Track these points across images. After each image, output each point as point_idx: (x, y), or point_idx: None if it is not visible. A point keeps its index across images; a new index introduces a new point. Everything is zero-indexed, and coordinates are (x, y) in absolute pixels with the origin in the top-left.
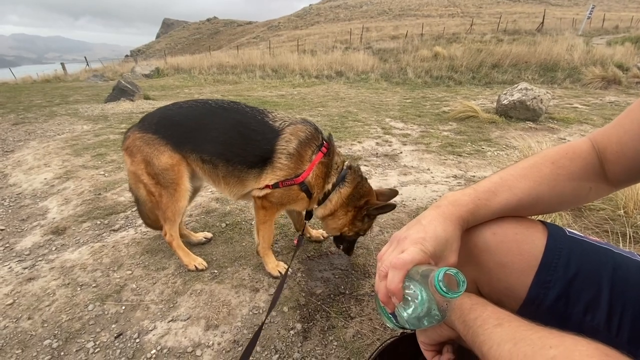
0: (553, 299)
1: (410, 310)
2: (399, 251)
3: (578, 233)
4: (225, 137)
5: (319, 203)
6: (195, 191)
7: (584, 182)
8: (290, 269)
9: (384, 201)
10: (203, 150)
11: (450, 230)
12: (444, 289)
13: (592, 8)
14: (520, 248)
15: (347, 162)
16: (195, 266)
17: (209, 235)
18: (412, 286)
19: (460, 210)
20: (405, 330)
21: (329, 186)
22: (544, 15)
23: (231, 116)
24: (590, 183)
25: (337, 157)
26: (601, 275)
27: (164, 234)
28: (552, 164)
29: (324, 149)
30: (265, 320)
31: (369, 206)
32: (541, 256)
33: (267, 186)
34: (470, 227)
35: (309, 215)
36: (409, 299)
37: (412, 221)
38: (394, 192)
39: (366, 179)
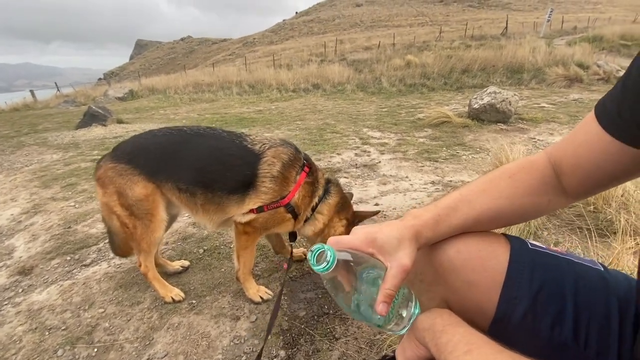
0: (521, 315)
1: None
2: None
3: (539, 244)
4: (203, 164)
5: (306, 222)
6: (172, 219)
7: (542, 195)
8: (277, 294)
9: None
10: (179, 179)
11: (405, 235)
12: (311, 259)
13: (551, 11)
14: (485, 265)
15: (326, 176)
16: (172, 297)
17: (186, 263)
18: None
19: (420, 224)
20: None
21: (316, 199)
22: (507, 21)
23: (208, 142)
24: (549, 196)
25: (319, 173)
26: (564, 287)
27: (139, 265)
28: (510, 178)
29: (306, 168)
30: (262, 349)
31: (355, 217)
32: (505, 272)
33: (251, 211)
34: (436, 243)
35: (294, 236)
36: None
37: None
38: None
39: (340, 188)
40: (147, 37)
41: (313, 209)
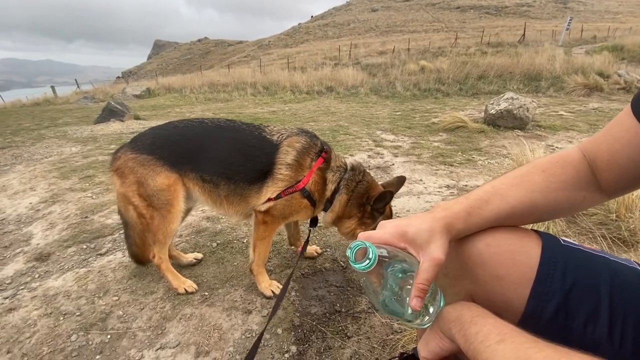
0: (552, 312)
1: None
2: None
3: (572, 241)
4: (225, 156)
5: (325, 209)
6: (186, 212)
7: (577, 190)
8: (292, 278)
9: (394, 190)
10: (204, 170)
11: (437, 228)
12: (350, 256)
13: (570, 20)
14: (515, 259)
15: (349, 163)
16: (185, 289)
17: (200, 256)
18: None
19: (451, 216)
20: (406, 352)
21: (329, 193)
22: (524, 28)
23: (229, 134)
24: (584, 192)
25: (335, 161)
26: (599, 284)
27: (152, 256)
28: (543, 172)
29: (323, 154)
30: (264, 330)
31: (369, 201)
32: (537, 267)
33: (269, 199)
34: (464, 237)
35: (314, 222)
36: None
37: None
38: (401, 180)
39: (368, 173)
40: (165, 37)
41: (333, 194)
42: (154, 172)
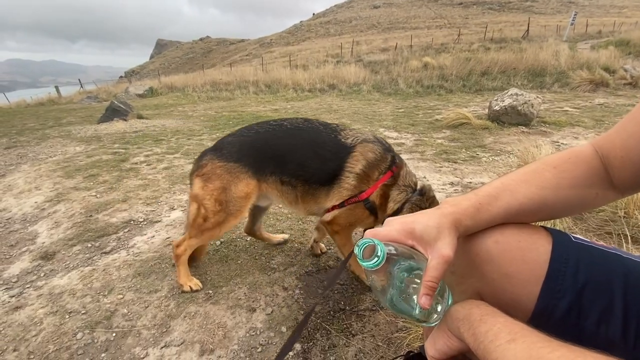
0: (564, 310)
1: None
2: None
3: (584, 238)
4: (303, 158)
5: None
6: None
7: (589, 187)
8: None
9: None
10: (283, 173)
11: (444, 224)
12: (358, 254)
13: (575, 15)
14: (525, 256)
15: (419, 184)
16: (190, 287)
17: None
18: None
19: (459, 212)
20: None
21: (390, 211)
22: (528, 24)
23: (307, 136)
24: (596, 189)
25: (404, 179)
26: (612, 282)
27: (177, 245)
28: (554, 169)
29: (394, 168)
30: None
31: None
32: (547, 265)
33: (333, 207)
34: (472, 234)
35: None
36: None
37: None
38: None
39: (437, 201)
40: (167, 37)
41: (394, 213)
42: (237, 179)
